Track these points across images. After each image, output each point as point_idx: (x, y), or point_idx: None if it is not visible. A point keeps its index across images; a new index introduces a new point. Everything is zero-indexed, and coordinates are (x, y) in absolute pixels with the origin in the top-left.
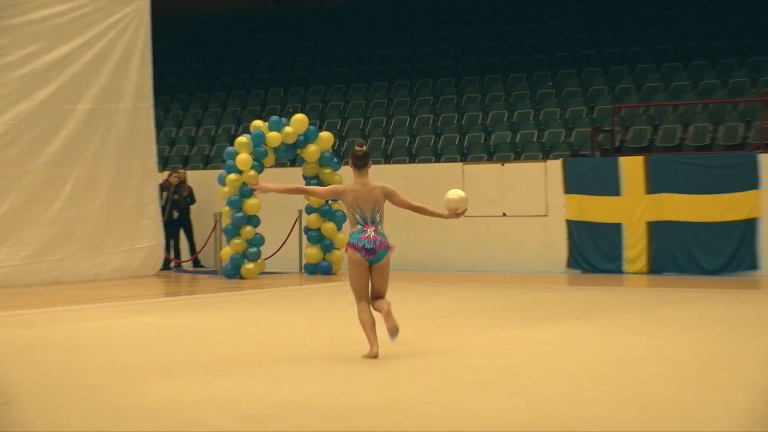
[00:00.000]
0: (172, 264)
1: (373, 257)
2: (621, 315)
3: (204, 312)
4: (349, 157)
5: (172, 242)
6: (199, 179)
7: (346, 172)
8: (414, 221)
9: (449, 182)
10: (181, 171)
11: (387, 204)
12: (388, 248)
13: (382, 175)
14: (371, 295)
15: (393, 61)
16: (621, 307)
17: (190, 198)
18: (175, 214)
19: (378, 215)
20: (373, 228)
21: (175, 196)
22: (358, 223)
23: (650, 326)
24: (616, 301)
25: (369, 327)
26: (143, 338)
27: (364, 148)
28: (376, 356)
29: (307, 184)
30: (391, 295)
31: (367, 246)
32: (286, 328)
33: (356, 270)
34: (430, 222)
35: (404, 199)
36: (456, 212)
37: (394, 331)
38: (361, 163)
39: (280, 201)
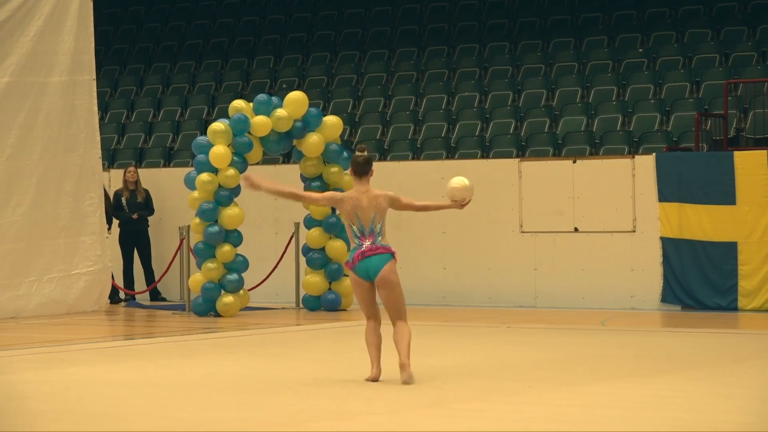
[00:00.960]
0: (124, 296)
1: (367, 264)
2: (735, 368)
3: (163, 363)
4: (349, 163)
5: (123, 266)
6: (158, 181)
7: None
8: (452, 239)
9: (501, 185)
10: (132, 169)
11: (418, 220)
12: (386, 252)
13: (407, 175)
14: (390, 318)
15: (424, 19)
16: (735, 357)
17: (147, 206)
18: (134, 220)
19: (379, 226)
20: (371, 240)
21: (122, 200)
22: (355, 236)
23: None
24: (729, 349)
25: (373, 347)
26: (75, 399)
27: (365, 153)
28: (376, 379)
29: (306, 188)
30: (426, 339)
31: (359, 262)
32: (278, 389)
33: (357, 290)
34: (473, 241)
35: (407, 201)
36: (461, 203)
37: (408, 381)
38: (362, 170)
39: (270, 210)
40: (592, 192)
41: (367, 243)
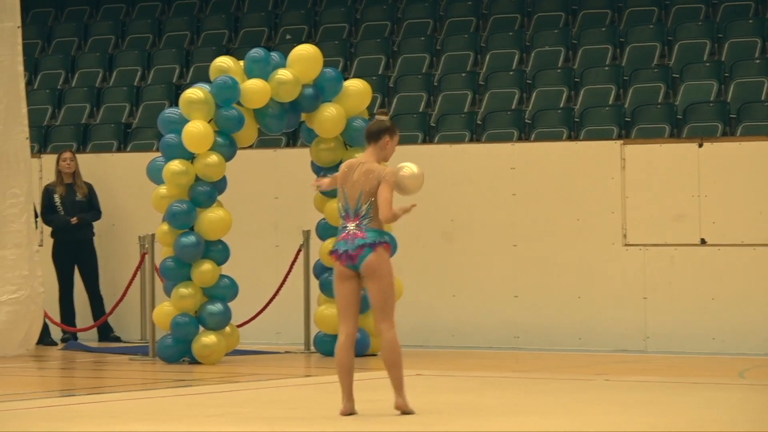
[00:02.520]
0: (61, 335)
1: (354, 263)
2: None
3: None
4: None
5: (60, 292)
6: (110, 171)
7: (395, 158)
8: (526, 255)
9: (596, 178)
10: (69, 155)
11: (478, 227)
12: (372, 248)
13: (462, 162)
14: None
15: None
16: None
17: (90, 207)
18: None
19: (366, 206)
20: (356, 222)
21: (55, 198)
22: (341, 216)
23: None
24: None
25: (341, 373)
26: None
27: (383, 117)
28: (350, 413)
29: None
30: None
31: (341, 248)
32: None
33: (337, 284)
34: (557, 258)
35: (383, 196)
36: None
37: (403, 411)
38: (369, 137)
39: (268, 213)
40: (726, 188)
41: (351, 226)
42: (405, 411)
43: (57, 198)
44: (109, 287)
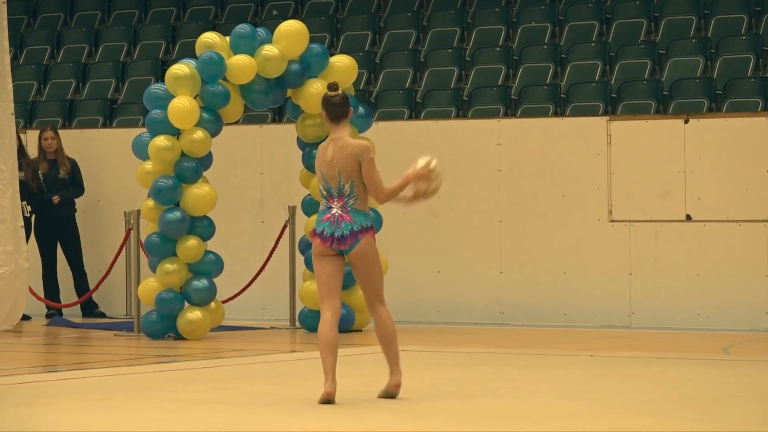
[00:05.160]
0: (46, 310)
1: (344, 247)
2: None
3: (100, 407)
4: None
5: (42, 268)
6: (95, 147)
7: (381, 134)
8: (511, 231)
9: (582, 155)
10: (51, 133)
11: (463, 202)
12: (358, 236)
13: (448, 138)
14: (367, 301)
15: None
16: None
17: (73, 183)
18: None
19: (348, 185)
20: (341, 203)
21: (38, 175)
22: (323, 197)
23: None
24: None
25: (326, 351)
26: None
27: (339, 91)
28: (329, 399)
29: (308, 155)
30: (476, 373)
31: (328, 231)
32: None
33: (317, 262)
34: (543, 234)
35: (370, 178)
36: (424, 194)
37: (389, 395)
38: (336, 113)
39: (254, 189)
40: (712, 164)
41: (336, 207)
42: (396, 392)
43: (40, 175)
44: (95, 263)
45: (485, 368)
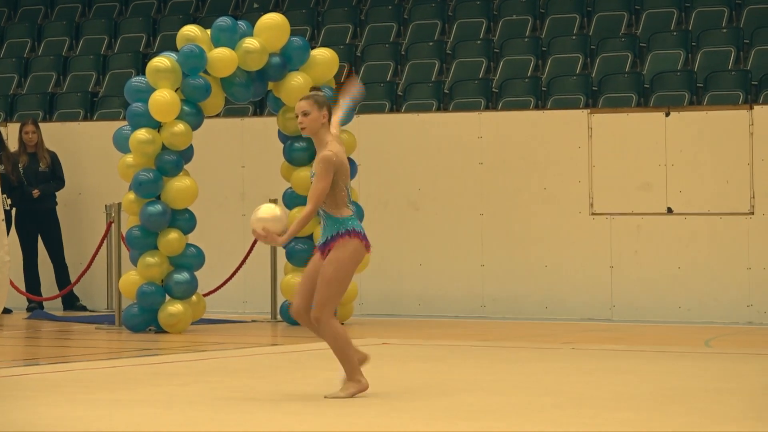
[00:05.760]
0: (27, 304)
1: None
2: None
3: (81, 400)
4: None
5: (23, 262)
6: (76, 140)
7: (362, 127)
8: (492, 224)
9: (563, 147)
10: (31, 127)
11: (443, 195)
12: (330, 245)
13: (429, 131)
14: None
15: None
16: None
17: (53, 176)
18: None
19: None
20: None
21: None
22: (350, 201)
23: None
24: None
25: (352, 346)
26: None
27: (321, 92)
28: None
29: (289, 148)
30: (458, 366)
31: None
32: None
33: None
34: (524, 227)
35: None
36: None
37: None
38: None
39: (235, 182)
40: (693, 157)
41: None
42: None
43: (20, 168)
44: (76, 256)
45: (467, 362)
